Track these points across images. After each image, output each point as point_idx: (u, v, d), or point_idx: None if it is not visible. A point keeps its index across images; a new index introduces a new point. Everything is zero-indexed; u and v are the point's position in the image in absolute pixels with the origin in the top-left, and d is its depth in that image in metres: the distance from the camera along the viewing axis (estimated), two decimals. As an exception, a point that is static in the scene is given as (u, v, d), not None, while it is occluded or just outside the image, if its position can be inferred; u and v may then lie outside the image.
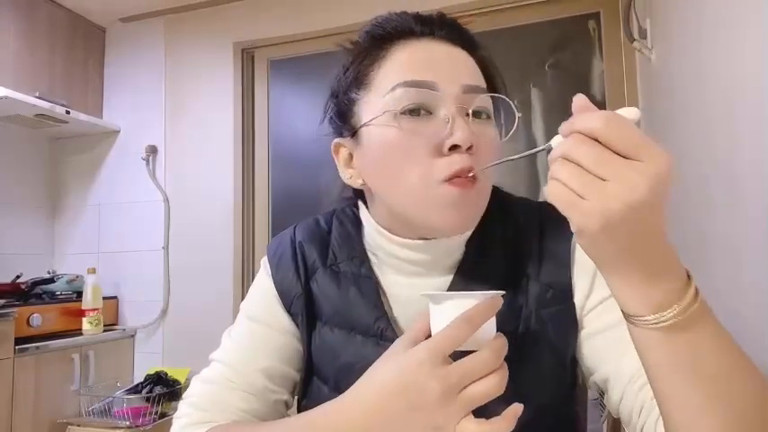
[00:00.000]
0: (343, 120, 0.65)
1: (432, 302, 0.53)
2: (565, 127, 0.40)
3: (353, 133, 0.64)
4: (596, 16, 2.08)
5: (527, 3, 2.14)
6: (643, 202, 0.37)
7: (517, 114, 0.62)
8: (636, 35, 1.67)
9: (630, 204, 0.37)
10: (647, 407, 0.55)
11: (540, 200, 0.70)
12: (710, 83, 1.04)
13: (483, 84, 0.63)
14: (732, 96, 0.92)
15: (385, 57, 0.62)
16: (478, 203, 0.61)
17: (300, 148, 2.43)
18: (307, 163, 2.39)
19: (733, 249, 0.96)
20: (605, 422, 1.29)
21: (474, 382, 0.48)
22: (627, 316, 0.45)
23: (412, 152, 0.58)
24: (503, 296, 0.52)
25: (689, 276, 0.43)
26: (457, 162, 0.57)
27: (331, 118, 0.67)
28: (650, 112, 1.82)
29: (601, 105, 2.01)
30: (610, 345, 0.60)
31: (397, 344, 0.52)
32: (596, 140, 0.38)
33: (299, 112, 2.47)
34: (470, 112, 0.59)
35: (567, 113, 0.41)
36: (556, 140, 0.42)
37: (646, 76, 1.84)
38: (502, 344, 0.49)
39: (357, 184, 0.66)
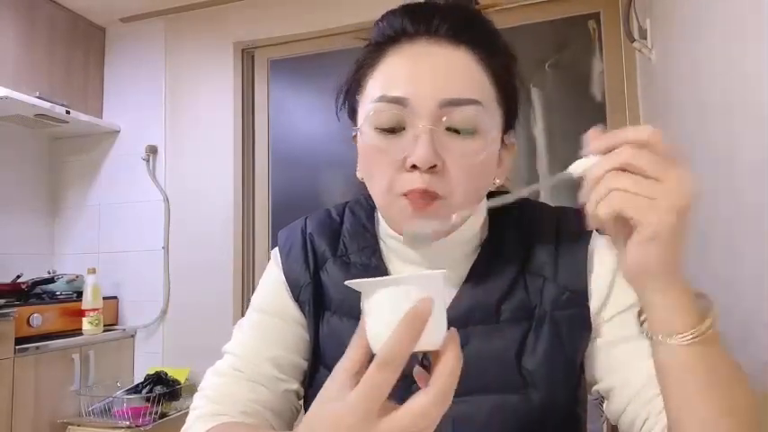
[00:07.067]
0: (352, 117, 0.68)
1: (363, 296, 0.44)
2: (608, 141, 0.43)
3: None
4: (596, 16, 2.08)
5: (527, 3, 2.14)
6: (695, 195, 0.41)
7: (489, 133, 0.59)
8: (636, 35, 1.67)
9: (690, 197, 0.41)
10: (652, 420, 0.57)
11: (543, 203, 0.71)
12: (710, 83, 1.04)
13: (471, 94, 0.58)
14: (732, 96, 0.92)
15: (378, 63, 0.62)
16: (446, 216, 0.59)
17: (300, 148, 2.42)
18: (307, 163, 2.39)
19: (732, 248, 0.96)
20: (605, 422, 1.29)
21: None
22: (663, 335, 0.47)
23: (381, 165, 0.60)
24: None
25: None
26: (414, 181, 0.57)
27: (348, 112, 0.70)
28: (650, 111, 1.82)
29: (601, 105, 2.03)
30: (622, 356, 0.61)
31: (333, 381, 0.46)
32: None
33: (299, 111, 2.47)
34: (446, 127, 0.58)
35: (567, 113, 0.42)
36: (580, 165, 0.44)
37: (646, 76, 1.83)
38: (448, 384, 0.41)
39: (360, 177, 0.68)
